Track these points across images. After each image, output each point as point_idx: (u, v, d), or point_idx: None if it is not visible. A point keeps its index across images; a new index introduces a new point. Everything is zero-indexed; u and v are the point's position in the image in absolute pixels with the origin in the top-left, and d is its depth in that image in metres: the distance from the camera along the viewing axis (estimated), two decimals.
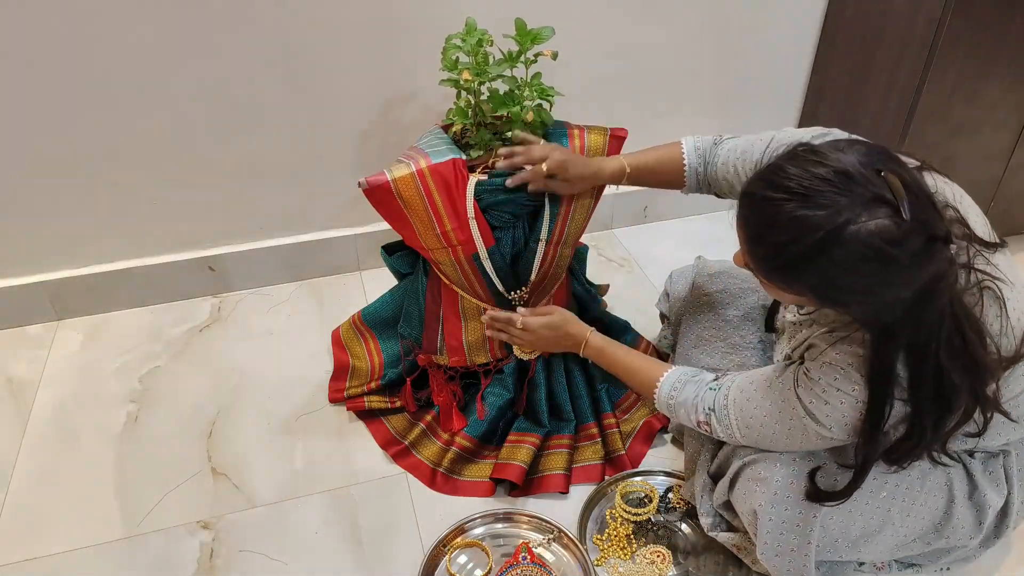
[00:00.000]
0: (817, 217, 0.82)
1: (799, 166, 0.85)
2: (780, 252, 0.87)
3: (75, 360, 1.70)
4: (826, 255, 0.83)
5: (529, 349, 1.41)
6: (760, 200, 0.88)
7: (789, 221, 0.84)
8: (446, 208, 1.25)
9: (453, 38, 1.28)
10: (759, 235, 0.89)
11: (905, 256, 0.81)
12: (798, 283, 0.90)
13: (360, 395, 1.54)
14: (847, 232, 0.81)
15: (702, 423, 1.14)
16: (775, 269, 0.91)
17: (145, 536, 1.33)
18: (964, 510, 1.10)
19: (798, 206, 0.83)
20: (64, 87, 1.51)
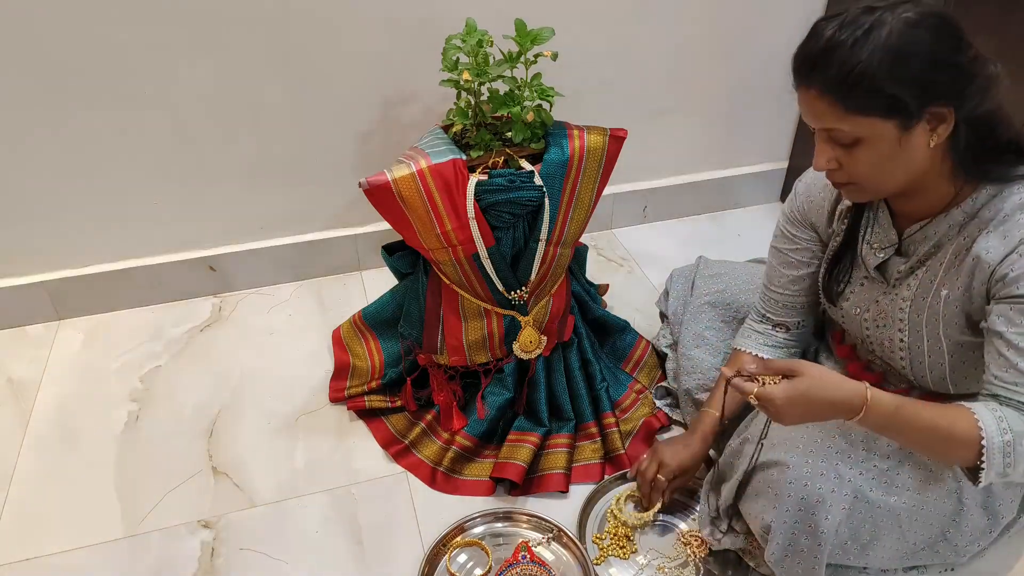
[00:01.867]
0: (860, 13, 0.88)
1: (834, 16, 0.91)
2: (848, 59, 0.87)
3: (76, 360, 1.70)
4: (889, 36, 0.85)
5: (526, 345, 1.41)
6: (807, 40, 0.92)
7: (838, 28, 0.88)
8: (446, 208, 1.25)
9: (453, 39, 1.28)
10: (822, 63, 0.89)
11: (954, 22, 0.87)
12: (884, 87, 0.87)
13: (360, 394, 1.54)
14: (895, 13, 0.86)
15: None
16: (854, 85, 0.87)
17: (146, 536, 1.33)
18: (974, 516, 1.09)
19: (843, 18, 0.88)
20: (64, 87, 1.51)
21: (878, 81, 0.86)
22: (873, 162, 0.92)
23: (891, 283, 1.08)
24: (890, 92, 0.87)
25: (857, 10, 0.88)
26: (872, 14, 0.87)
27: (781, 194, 2.24)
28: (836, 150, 0.94)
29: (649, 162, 2.07)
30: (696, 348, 1.45)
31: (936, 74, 0.87)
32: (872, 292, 1.12)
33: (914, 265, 1.05)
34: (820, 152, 0.96)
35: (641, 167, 2.06)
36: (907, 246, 1.05)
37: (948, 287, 1.00)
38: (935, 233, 1.01)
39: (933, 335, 1.04)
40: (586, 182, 1.34)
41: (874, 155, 0.92)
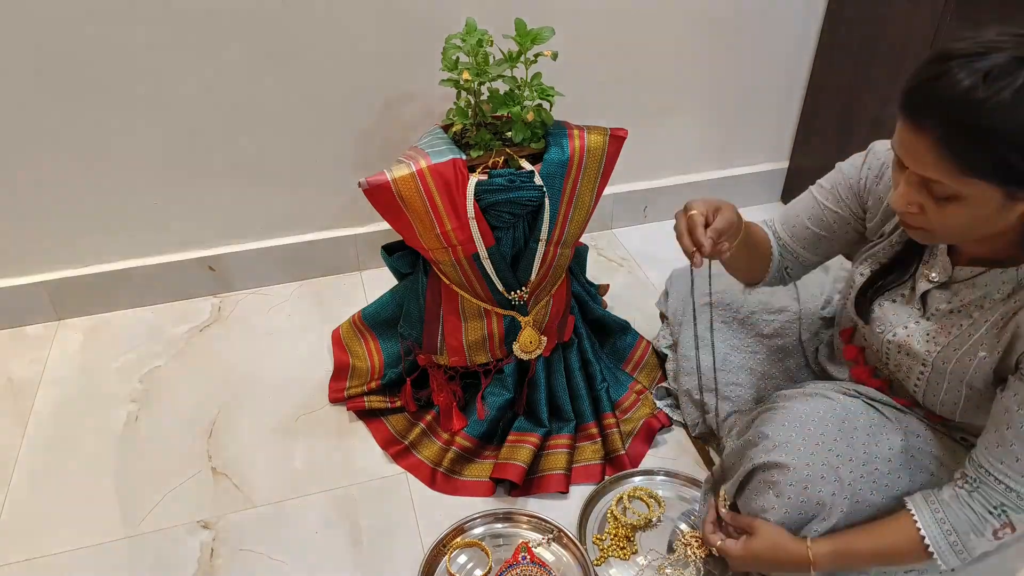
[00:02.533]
0: (1007, 64, 0.77)
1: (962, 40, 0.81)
2: (977, 113, 0.78)
3: (75, 360, 1.70)
4: None
5: (526, 345, 1.41)
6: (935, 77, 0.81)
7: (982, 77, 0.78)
8: (446, 208, 1.25)
9: (453, 38, 1.28)
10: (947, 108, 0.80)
11: None
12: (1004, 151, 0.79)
13: (360, 395, 1.54)
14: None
15: (999, 529, 0.96)
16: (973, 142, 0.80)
17: (145, 536, 1.33)
18: None
19: (981, 63, 0.78)
20: (64, 87, 1.51)
21: (1005, 150, 0.79)
22: (966, 219, 0.87)
23: (927, 315, 1.05)
24: (1012, 163, 0.80)
25: (1006, 59, 0.78)
26: (1022, 67, 0.77)
27: (781, 194, 2.24)
28: (924, 198, 0.88)
29: (649, 162, 2.07)
30: (696, 348, 1.44)
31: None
32: (903, 316, 1.09)
33: (956, 308, 1.02)
34: (904, 194, 0.89)
35: (641, 167, 2.06)
36: (956, 285, 1.02)
37: (987, 350, 0.98)
38: (985, 284, 0.98)
39: (956, 382, 1.03)
40: (586, 182, 1.34)
41: (967, 215, 0.87)
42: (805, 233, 1.21)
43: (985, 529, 0.96)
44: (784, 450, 1.08)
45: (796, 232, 1.22)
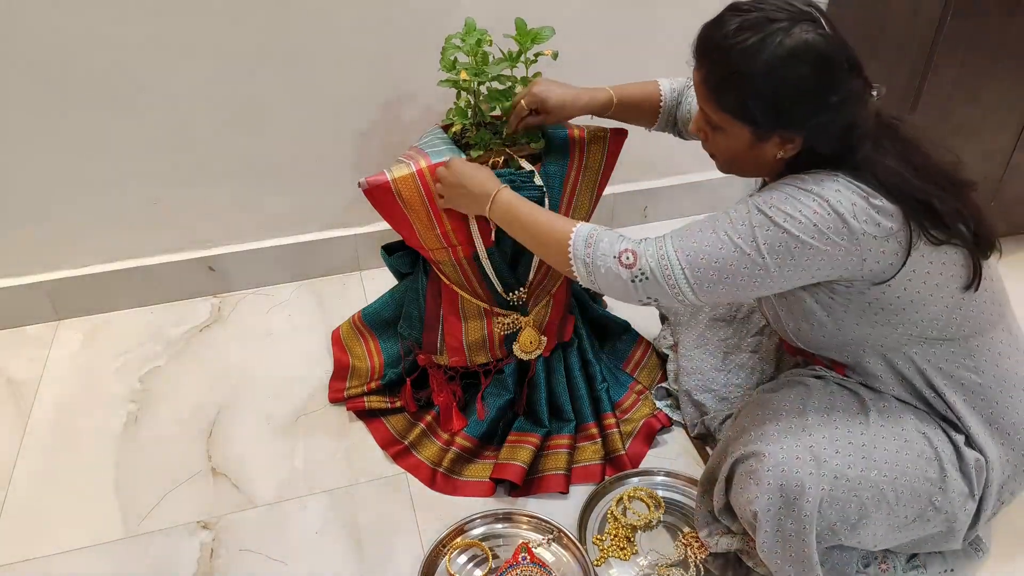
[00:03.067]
0: (758, 20, 0.94)
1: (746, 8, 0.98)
2: (726, 57, 0.96)
3: (75, 360, 1.70)
4: (766, 55, 0.93)
5: (526, 345, 1.41)
6: (712, 22, 0.99)
7: (735, 28, 0.95)
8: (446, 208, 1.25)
9: (452, 38, 1.28)
10: (709, 48, 0.99)
11: (833, 61, 0.94)
12: (745, 95, 0.96)
13: (360, 395, 1.54)
14: (785, 35, 0.93)
15: (626, 251, 1.03)
16: (723, 80, 0.98)
17: (145, 536, 1.33)
18: (956, 480, 1.10)
19: (743, 18, 0.95)
20: (64, 87, 1.51)
21: (747, 94, 0.96)
22: (727, 151, 1.06)
23: None
24: (752, 107, 0.97)
25: (764, 13, 0.94)
26: (772, 24, 0.93)
27: None
28: (706, 126, 1.06)
29: (649, 162, 2.07)
30: (696, 349, 1.45)
31: (798, 106, 0.96)
32: None
33: None
34: (696, 119, 1.08)
35: (641, 167, 2.06)
36: None
37: None
38: None
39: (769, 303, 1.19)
40: (586, 182, 1.34)
41: (729, 145, 1.04)
42: None
43: (618, 242, 1.05)
44: (760, 439, 1.09)
45: None
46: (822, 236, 0.97)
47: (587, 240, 1.07)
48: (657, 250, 1.03)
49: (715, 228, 1.01)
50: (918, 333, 1.08)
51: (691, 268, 1.00)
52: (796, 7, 0.96)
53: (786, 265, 0.98)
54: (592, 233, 1.07)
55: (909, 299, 1.04)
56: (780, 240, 0.97)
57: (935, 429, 1.12)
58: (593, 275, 1.07)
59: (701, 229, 1.02)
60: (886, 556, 1.24)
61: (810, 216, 0.96)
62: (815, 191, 0.97)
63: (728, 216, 1.02)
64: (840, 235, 0.97)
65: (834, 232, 0.97)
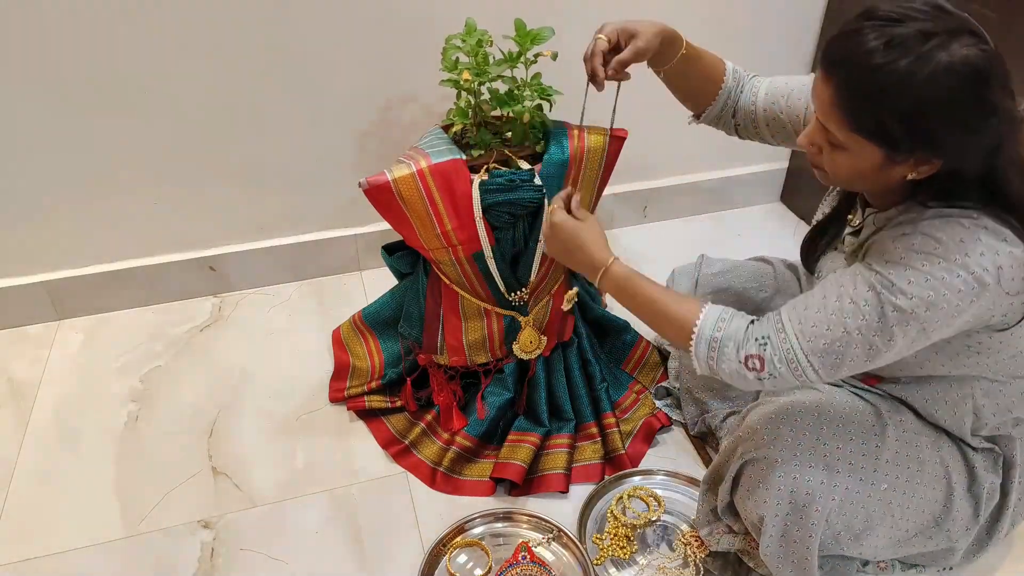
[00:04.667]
0: (911, 37, 0.82)
1: (889, 2, 0.86)
2: (873, 76, 0.84)
3: (76, 360, 1.70)
4: (920, 76, 0.82)
5: (526, 345, 1.41)
6: (851, 32, 0.86)
7: (884, 45, 0.83)
8: (447, 208, 1.25)
9: (453, 38, 1.28)
10: (850, 64, 0.86)
11: (994, 87, 0.83)
12: (888, 116, 0.85)
13: (360, 395, 1.54)
14: (940, 55, 0.81)
15: (752, 357, 0.97)
16: (864, 100, 0.86)
17: (146, 536, 1.33)
18: (963, 502, 1.10)
19: (891, 30, 0.83)
20: (65, 87, 1.51)
21: (888, 117, 0.85)
22: (849, 169, 0.94)
23: (847, 260, 1.09)
24: (893, 130, 0.86)
25: (913, 31, 0.82)
26: (925, 43, 0.81)
27: (781, 194, 2.24)
28: (822, 141, 0.95)
29: (649, 162, 2.07)
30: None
31: (945, 131, 0.85)
32: (834, 263, 1.11)
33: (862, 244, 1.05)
34: (809, 133, 0.97)
35: (641, 167, 2.06)
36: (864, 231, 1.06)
37: None
38: (872, 224, 1.02)
39: None
40: (586, 183, 1.34)
41: (853, 165, 0.93)
42: (775, 107, 1.19)
43: (743, 346, 0.98)
44: (772, 444, 1.08)
45: (772, 100, 1.20)
46: (961, 310, 0.90)
47: (710, 343, 1.00)
48: (784, 353, 0.96)
49: (843, 321, 0.93)
50: (997, 371, 1.04)
51: (822, 364, 0.95)
52: (951, 16, 0.84)
53: (920, 342, 0.94)
54: (715, 336, 1.00)
55: (1011, 343, 1.00)
56: (917, 327, 0.91)
57: (951, 448, 1.11)
58: (715, 372, 1.02)
59: (827, 321, 0.94)
60: None
61: (951, 295, 0.88)
62: (958, 262, 0.88)
63: (852, 300, 0.92)
64: (982, 300, 0.90)
65: (976, 299, 0.90)
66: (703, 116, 1.26)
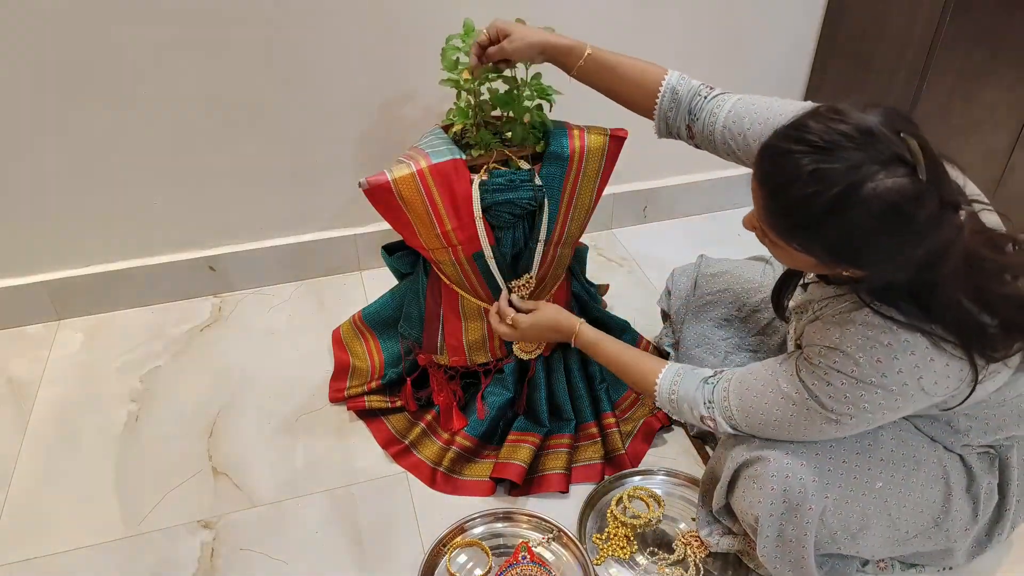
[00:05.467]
0: (837, 171, 0.83)
1: (821, 122, 0.85)
2: (799, 207, 0.86)
3: (76, 360, 1.70)
4: (844, 210, 0.83)
5: (526, 345, 1.42)
6: (781, 153, 0.87)
7: (809, 175, 0.84)
8: (447, 208, 1.25)
9: (453, 39, 1.28)
10: (778, 189, 0.88)
11: (921, 216, 0.83)
12: (815, 241, 0.89)
13: (360, 395, 1.54)
14: (866, 187, 0.82)
15: (706, 418, 1.13)
16: (792, 227, 0.90)
17: (146, 535, 1.33)
18: (962, 502, 1.11)
19: (819, 159, 0.84)
20: (65, 87, 1.51)
21: (814, 241, 0.89)
22: (787, 262, 1.01)
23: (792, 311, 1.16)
24: (820, 253, 0.90)
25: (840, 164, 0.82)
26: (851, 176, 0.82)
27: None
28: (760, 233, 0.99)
29: (649, 162, 2.07)
30: (698, 347, 1.45)
31: (869, 255, 0.88)
32: None
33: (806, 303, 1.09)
34: (749, 218, 1.01)
35: (641, 167, 2.06)
36: None
37: None
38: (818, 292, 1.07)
39: None
40: (586, 182, 1.34)
41: (790, 260, 0.98)
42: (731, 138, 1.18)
43: (696, 409, 1.14)
44: (765, 444, 1.09)
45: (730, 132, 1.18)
46: (886, 414, 0.99)
47: (669, 402, 1.18)
48: (730, 422, 1.11)
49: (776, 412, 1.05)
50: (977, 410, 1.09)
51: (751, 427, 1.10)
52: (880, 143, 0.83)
53: (860, 426, 1.02)
54: (672, 398, 1.17)
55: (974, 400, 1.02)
56: (848, 426, 1.01)
57: (948, 450, 1.12)
58: (675, 413, 1.19)
59: (763, 409, 1.07)
60: None
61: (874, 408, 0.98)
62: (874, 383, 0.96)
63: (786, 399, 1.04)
64: (905, 405, 0.98)
65: (898, 407, 0.98)
66: (656, 132, 1.27)
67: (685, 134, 1.24)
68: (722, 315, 1.46)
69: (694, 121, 1.21)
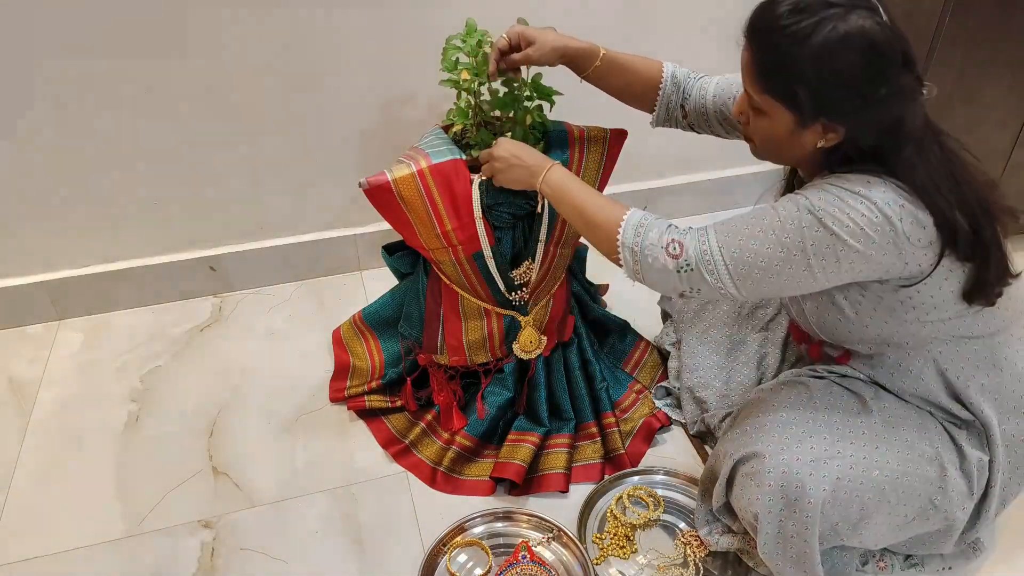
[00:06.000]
0: (813, 5, 0.91)
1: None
2: (778, 41, 0.93)
3: (76, 360, 1.70)
4: (818, 42, 0.90)
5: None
6: (765, 4, 0.96)
7: (788, 11, 0.92)
8: (447, 208, 1.25)
9: (453, 39, 1.28)
10: (761, 31, 0.96)
11: (889, 57, 0.91)
12: (793, 80, 0.94)
13: (361, 394, 1.54)
14: (838, 22, 0.90)
15: (673, 241, 1.03)
16: (773, 64, 0.95)
17: (146, 535, 1.33)
18: (957, 480, 1.11)
19: (793, 7, 0.92)
20: (65, 87, 1.51)
21: (793, 80, 0.94)
22: (768, 135, 1.03)
23: None
24: (798, 93, 0.94)
25: (818, 5, 0.91)
26: (828, 9, 0.91)
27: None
28: (748, 108, 1.04)
29: (649, 162, 2.07)
30: (700, 345, 1.45)
31: (844, 96, 0.93)
32: None
33: None
34: (739, 102, 1.06)
35: (641, 167, 2.06)
36: None
37: None
38: None
39: None
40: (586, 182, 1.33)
41: (770, 130, 1.01)
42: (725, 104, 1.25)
43: (665, 234, 1.04)
44: (760, 440, 1.09)
45: (721, 99, 1.25)
46: (869, 240, 0.96)
47: (637, 228, 1.05)
48: (700, 244, 1.02)
49: (762, 226, 0.99)
50: (944, 332, 1.08)
51: (735, 264, 1.00)
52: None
53: (831, 268, 0.98)
54: (643, 221, 1.06)
55: (938, 300, 1.04)
56: (828, 243, 0.96)
57: (937, 428, 1.13)
58: (640, 263, 1.05)
59: (748, 226, 1.01)
60: (883, 554, 1.25)
61: (859, 220, 0.95)
62: (863, 193, 0.95)
63: (776, 214, 0.99)
64: (887, 239, 0.96)
65: (881, 236, 0.96)
66: (654, 120, 1.33)
67: (679, 115, 1.30)
68: (724, 313, 1.46)
69: (686, 99, 1.28)
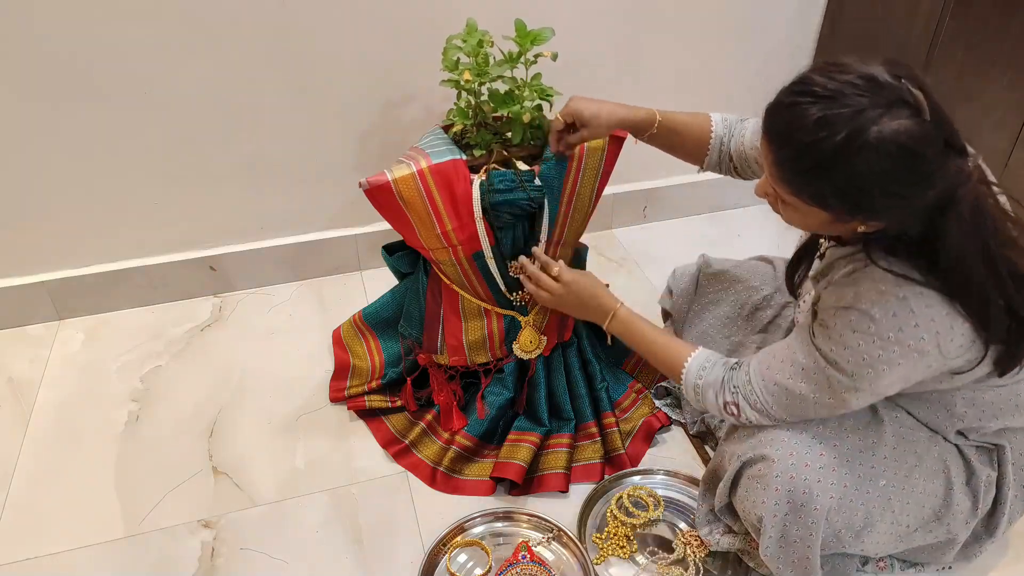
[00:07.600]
0: (842, 115, 0.84)
1: (824, 74, 0.88)
2: (806, 153, 0.88)
3: (76, 360, 1.70)
4: (852, 153, 0.84)
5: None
6: (787, 106, 0.90)
7: (815, 122, 0.85)
8: (447, 208, 1.25)
9: (454, 39, 1.28)
10: (785, 139, 0.90)
11: (928, 155, 0.85)
12: (825, 189, 0.90)
13: (361, 394, 1.54)
14: (871, 129, 0.83)
15: (729, 403, 1.12)
16: (802, 176, 0.91)
17: (146, 535, 1.33)
18: (962, 496, 1.11)
19: (824, 107, 0.85)
20: (65, 87, 1.51)
21: (825, 189, 0.90)
22: (801, 223, 1.01)
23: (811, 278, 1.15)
24: (831, 201, 0.91)
25: (846, 108, 0.84)
26: (860, 117, 0.84)
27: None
28: (774, 197, 1.01)
29: (649, 162, 2.06)
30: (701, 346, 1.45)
31: (881, 201, 0.88)
32: (810, 287, 1.15)
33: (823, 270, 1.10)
34: (761, 184, 1.03)
35: (641, 167, 2.06)
36: None
37: None
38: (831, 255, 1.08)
39: None
40: (586, 182, 1.34)
41: (803, 220, 0.99)
42: None
43: (720, 395, 1.13)
44: (770, 444, 1.09)
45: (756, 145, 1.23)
46: (905, 375, 0.98)
47: (695, 388, 1.16)
48: (753, 404, 1.10)
49: (798, 385, 1.04)
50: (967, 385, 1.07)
51: (789, 415, 1.08)
52: (884, 88, 0.85)
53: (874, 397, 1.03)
54: (698, 384, 1.15)
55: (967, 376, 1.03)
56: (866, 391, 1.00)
57: (948, 443, 1.12)
58: (699, 400, 1.17)
59: (785, 383, 1.06)
60: None
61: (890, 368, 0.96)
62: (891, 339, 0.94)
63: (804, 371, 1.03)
64: (920, 363, 0.97)
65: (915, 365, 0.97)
66: (703, 167, 1.35)
67: (729, 167, 1.31)
68: (724, 314, 1.46)
69: (731, 148, 1.29)
